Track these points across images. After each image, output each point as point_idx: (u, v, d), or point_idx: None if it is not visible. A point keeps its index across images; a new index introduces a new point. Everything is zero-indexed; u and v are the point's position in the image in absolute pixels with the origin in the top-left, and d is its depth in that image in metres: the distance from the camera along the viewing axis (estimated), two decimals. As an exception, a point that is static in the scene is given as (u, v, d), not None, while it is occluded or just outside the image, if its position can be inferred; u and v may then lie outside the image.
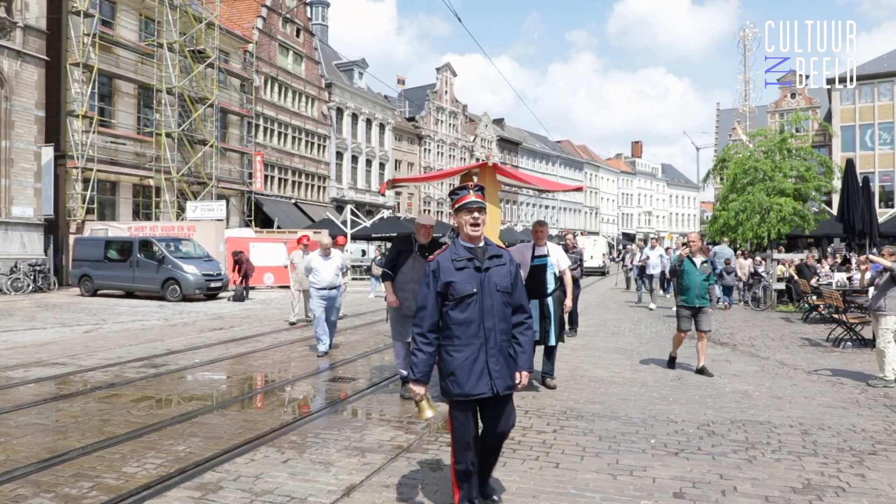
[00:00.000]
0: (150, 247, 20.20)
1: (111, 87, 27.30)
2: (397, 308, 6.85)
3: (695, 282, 8.48)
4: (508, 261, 3.78)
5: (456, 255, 3.70)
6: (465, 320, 3.59)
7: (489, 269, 3.68)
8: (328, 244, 9.77)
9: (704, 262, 8.66)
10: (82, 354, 9.80)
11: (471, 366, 3.56)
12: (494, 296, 3.63)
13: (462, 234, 3.76)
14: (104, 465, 4.80)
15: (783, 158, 21.03)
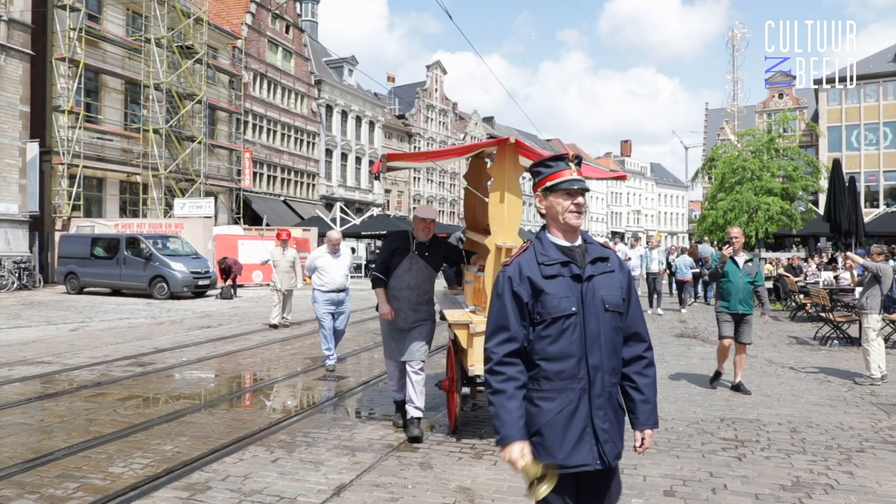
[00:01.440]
0: (137, 244, 20.02)
1: (98, 83, 27.03)
2: (391, 321, 5.67)
3: (737, 285, 7.40)
4: (618, 265, 2.53)
5: (545, 257, 2.45)
6: (558, 354, 2.37)
7: (592, 277, 2.43)
8: (338, 239, 8.46)
9: (749, 261, 7.57)
10: (68, 353, 9.70)
11: (566, 423, 2.37)
12: (602, 317, 2.42)
13: (554, 225, 2.50)
14: (90, 466, 4.75)
15: (771, 158, 21.18)
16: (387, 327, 5.71)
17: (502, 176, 5.24)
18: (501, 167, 5.30)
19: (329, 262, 8.34)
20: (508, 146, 5.33)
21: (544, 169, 2.54)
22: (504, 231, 5.20)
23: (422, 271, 5.56)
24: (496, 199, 5.23)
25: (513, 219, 5.25)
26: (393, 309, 5.55)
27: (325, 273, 8.29)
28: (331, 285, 8.30)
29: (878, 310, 8.11)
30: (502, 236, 5.19)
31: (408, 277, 5.52)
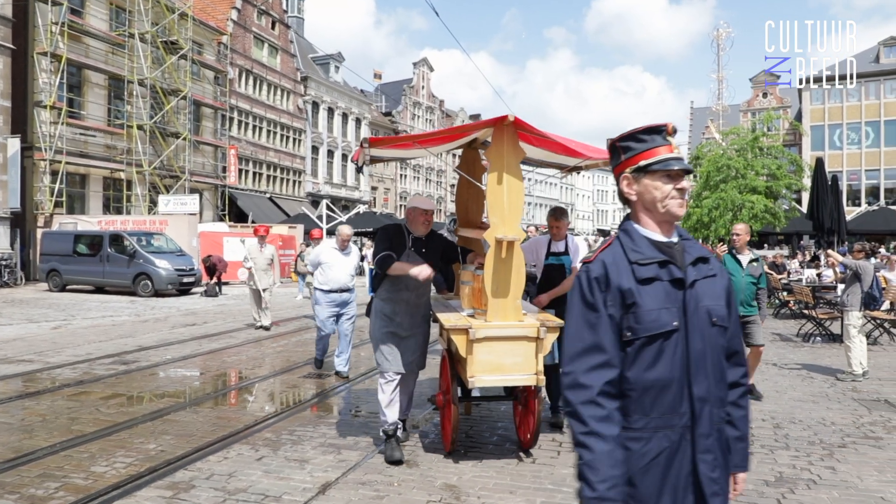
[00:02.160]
0: (120, 241, 19.84)
1: (80, 78, 26.73)
2: (387, 322, 4.91)
3: (739, 284, 6.88)
4: (718, 268, 2.04)
5: (638, 254, 1.94)
6: (654, 382, 1.87)
7: (695, 282, 1.94)
8: (348, 235, 7.63)
9: (753, 260, 7.10)
10: (50, 351, 9.59)
11: (664, 470, 1.85)
12: (707, 334, 1.92)
13: (649, 215, 1.99)
14: (72, 465, 4.69)
15: (755, 157, 21.35)
16: (381, 334, 4.91)
17: (500, 159, 4.60)
18: (499, 149, 4.63)
19: (335, 259, 7.61)
20: (507, 125, 4.60)
21: (635, 144, 2.00)
22: (505, 222, 4.60)
23: None
24: (495, 187, 4.61)
25: (514, 208, 4.61)
26: (387, 314, 4.91)
27: (329, 270, 7.55)
28: (334, 284, 7.58)
29: (858, 307, 8.20)
30: (503, 228, 4.58)
31: (406, 278, 4.78)
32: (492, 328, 4.54)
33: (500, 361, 4.54)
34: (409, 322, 4.96)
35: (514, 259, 4.60)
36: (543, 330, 4.55)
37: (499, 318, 4.58)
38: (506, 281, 4.57)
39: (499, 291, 4.56)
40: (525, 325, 4.59)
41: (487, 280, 4.57)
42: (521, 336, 4.56)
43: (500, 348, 4.54)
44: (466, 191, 6.36)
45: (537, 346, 4.56)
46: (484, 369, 4.52)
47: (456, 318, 4.82)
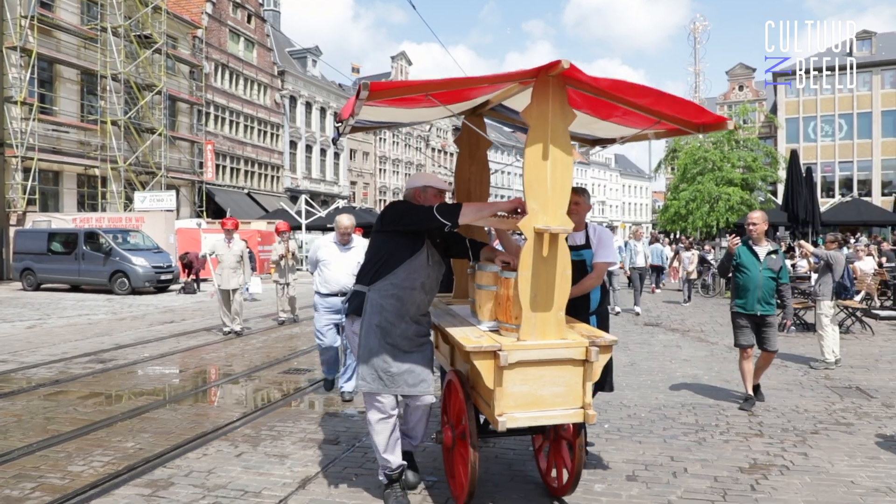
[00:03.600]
0: (96, 239, 19.59)
1: (52, 73, 26.27)
2: (385, 330, 3.78)
3: (756, 280, 6.19)
4: None
5: None
6: None
7: None
8: (348, 227, 6.42)
9: (772, 252, 6.29)
10: (24, 351, 9.45)
11: None
12: None
13: None
14: (48, 465, 4.65)
15: (731, 149, 21.61)
16: (374, 346, 3.77)
17: (543, 123, 3.50)
18: (542, 109, 3.50)
19: (334, 256, 6.42)
20: (553, 78, 3.45)
21: None
22: (548, 208, 3.51)
23: (437, 268, 3.93)
24: (535, 161, 3.51)
25: (560, 189, 3.54)
26: (389, 321, 3.78)
27: (327, 269, 6.38)
28: (332, 286, 6.34)
29: (830, 296, 8.35)
30: (544, 216, 3.50)
31: (423, 274, 3.81)
32: (529, 350, 3.47)
33: (537, 393, 3.50)
34: (414, 332, 3.84)
35: (558, 257, 3.54)
36: (595, 351, 3.51)
37: (536, 336, 3.52)
38: (548, 286, 3.52)
39: (539, 301, 3.51)
40: (570, 343, 3.53)
41: (523, 286, 3.49)
42: (564, 359, 3.52)
43: (539, 376, 3.50)
44: (468, 168, 5.16)
45: (585, 371, 3.53)
46: (517, 404, 3.48)
47: (477, 336, 3.66)
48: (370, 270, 3.83)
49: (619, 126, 4.47)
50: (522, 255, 3.50)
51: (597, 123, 4.52)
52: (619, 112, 4.04)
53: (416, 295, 3.81)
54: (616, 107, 3.92)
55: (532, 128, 3.51)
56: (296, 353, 9.19)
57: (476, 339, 3.59)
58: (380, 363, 3.75)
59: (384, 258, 3.78)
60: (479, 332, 3.77)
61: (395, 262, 3.76)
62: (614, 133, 4.82)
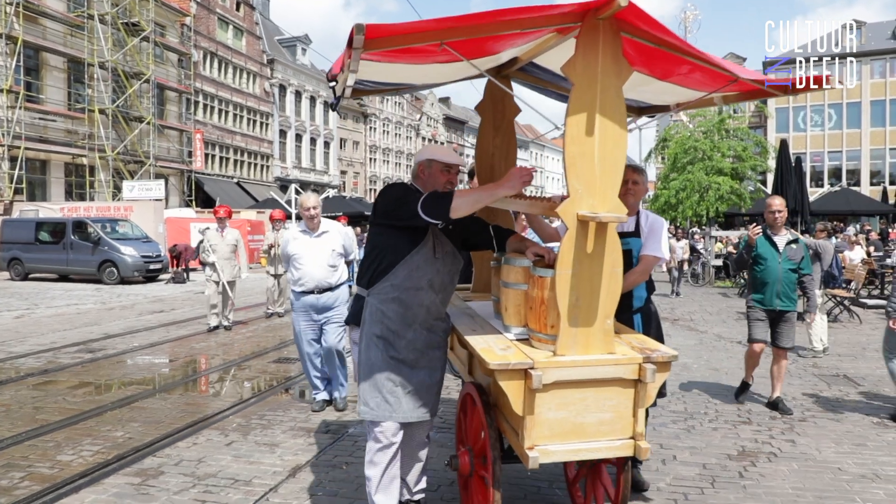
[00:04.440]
0: (84, 228, 19.45)
1: (38, 61, 25.96)
2: (388, 341, 3.15)
3: (775, 273, 5.68)
4: None
5: None
6: None
7: None
8: (312, 207, 5.55)
9: (791, 242, 5.78)
10: (13, 340, 9.39)
11: None
12: None
13: None
14: (37, 455, 4.63)
15: (721, 138, 21.62)
16: (377, 361, 3.15)
17: (591, 81, 2.73)
18: (590, 62, 2.71)
19: (303, 248, 5.56)
20: (604, 21, 2.70)
21: None
22: (595, 189, 2.79)
23: (449, 260, 3.25)
24: (579, 130, 2.74)
25: (611, 167, 2.81)
26: (392, 329, 3.14)
27: (298, 264, 5.57)
28: (305, 283, 5.52)
29: (818, 285, 8.40)
30: (590, 200, 2.79)
31: (430, 271, 3.14)
32: (568, 367, 2.78)
33: (577, 420, 2.83)
34: (424, 342, 3.20)
35: (606, 251, 2.82)
36: (650, 370, 2.81)
37: (577, 350, 2.83)
38: (592, 288, 2.83)
39: (581, 306, 2.81)
40: (620, 359, 2.84)
41: (562, 287, 2.79)
42: (612, 379, 2.84)
43: (580, 399, 2.83)
44: (491, 140, 4.31)
45: (637, 394, 2.86)
46: (553, 433, 2.80)
47: (502, 348, 2.95)
48: (367, 270, 3.19)
49: (677, 88, 3.61)
50: (562, 249, 2.78)
51: (649, 85, 3.61)
52: (685, 69, 3.17)
53: (422, 296, 3.13)
54: (681, 62, 3.06)
55: (576, 87, 2.73)
56: (286, 342, 9.17)
57: (501, 351, 2.87)
58: (384, 382, 3.10)
59: (380, 255, 3.13)
60: (505, 342, 3.05)
61: (394, 258, 3.10)
62: (669, 98, 3.95)
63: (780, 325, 5.79)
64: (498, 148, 4.31)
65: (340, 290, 5.67)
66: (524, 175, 2.86)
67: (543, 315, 2.91)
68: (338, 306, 5.63)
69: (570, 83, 2.78)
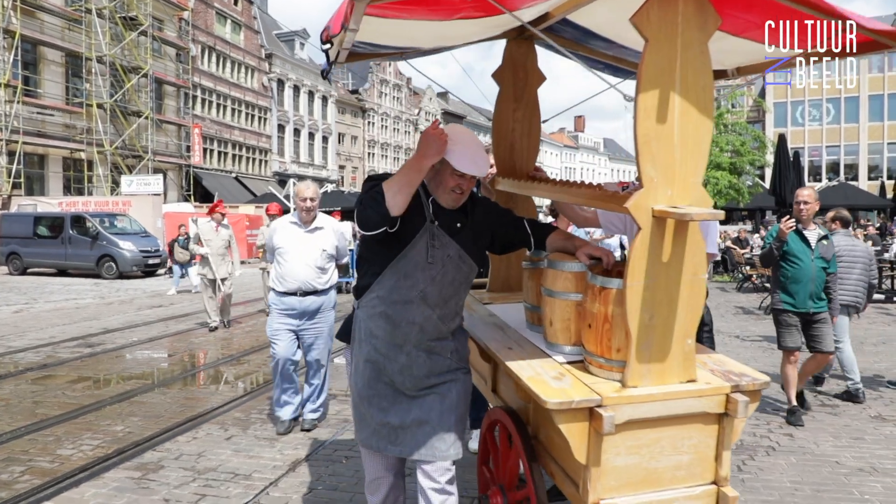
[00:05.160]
0: (83, 222, 19.45)
1: (36, 55, 25.90)
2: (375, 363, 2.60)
3: (808, 272, 5.22)
4: None
5: None
6: None
7: None
8: (309, 199, 4.84)
9: (822, 238, 5.34)
10: (12, 335, 9.39)
11: None
12: None
13: None
14: (37, 449, 4.64)
15: (720, 133, 21.63)
16: (364, 386, 2.62)
17: (670, 36, 2.14)
18: (668, 8, 2.12)
19: (292, 241, 4.84)
20: None
21: None
22: (674, 177, 2.20)
23: (451, 268, 2.56)
24: (651, 101, 2.16)
25: (696, 147, 2.22)
26: (378, 350, 2.58)
27: (283, 259, 4.83)
28: (288, 282, 4.79)
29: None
30: (668, 190, 2.19)
31: (422, 280, 2.52)
32: (643, 402, 2.22)
33: (650, 466, 2.29)
34: (424, 367, 2.56)
35: (687, 256, 2.25)
36: (742, 403, 2.25)
37: (652, 379, 2.26)
38: (670, 302, 2.25)
39: (656, 324, 2.24)
40: (703, 390, 2.28)
41: (633, 301, 2.21)
42: (693, 414, 2.29)
43: (654, 440, 2.28)
44: (511, 114, 3.63)
45: (722, 431, 2.34)
46: (620, 483, 2.27)
47: (555, 377, 2.36)
48: (359, 278, 2.70)
49: (752, 46, 2.70)
50: (633, 255, 2.17)
51: (721, 42, 2.60)
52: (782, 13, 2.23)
53: (412, 311, 2.51)
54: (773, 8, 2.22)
55: (650, 45, 2.11)
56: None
57: (556, 382, 2.29)
58: (373, 412, 2.58)
59: (368, 259, 2.60)
60: (556, 368, 2.45)
61: (378, 263, 2.53)
62: (735, 59, 3.09)
63: (816, 328, 5.34)
64: (519, 123, 3.65)
65: (328, 296, 4.98)
66: (439, 135, 2.30)
67: (607, 335, 2.31)
68: (324, 313, 4.96)
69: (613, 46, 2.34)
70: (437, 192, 2.53)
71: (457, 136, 2.44)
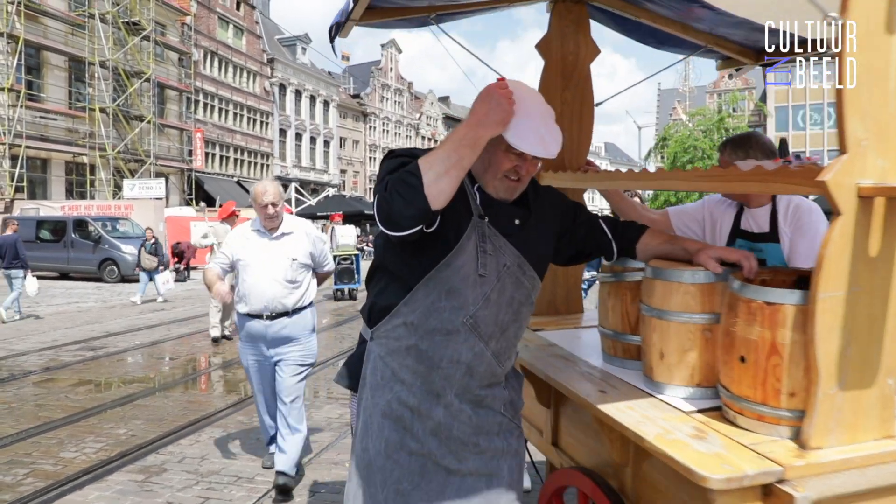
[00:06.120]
0: (85, 226, 19.53)
1: (39, 60, 26.00)
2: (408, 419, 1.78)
3: None
4: None
5: None
6: None
7: None
8: (271, 203, 3.86)
9: None
10: (14, 338, 9.42)
11: None
12: None
13: None
14: (40, 452, 4.66)
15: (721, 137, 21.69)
16: (383, 452, 1.81)
17: None
18: None
19: (254, 253, 3.95)
20: None
21: None
22: (890, 143, 1.49)
23: (510, 283, 1.81)
24: (866, 25, 1.43)
25: None
26: (408, 407, 1.80)
27: (245, 275, 3.96)
28: (252, 302, 3.91)
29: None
30: (880, 160, 1.48)
31: (473, 299, 1.75)
32: (840, 471, 1.50)
33: None
34: (470, 425, 1.82)
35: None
36: None
37: (844, 436, 1.55)
38: (872, 323, 1.55)
39: (853, 357, 1.53)
40: None
41: (826, 321, 1.50)
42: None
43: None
44: (559, 94, 2.98)
45: None
46: None
47: (694, 435, 1.64)
48: (369, 296, 1.93)
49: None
50: (828, 252, 1.47)
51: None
52: None
53: (456, 345, 1.75)
54: None
55: None
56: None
57: (699, 444, 1.58)
58: (388, 497, 1.78)
59: (386, 271, 1.86)
60: (686, 420, 1.73)
61: (406, 276, 1.76)
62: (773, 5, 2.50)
63: None
64: (568, 105, 2.96)
65: (302, 317, 4.02)
66: (508, 96, 1.59)
67: (774, 374, 1.60)
68: (297, 339, 4.01)
69: None
70: (483, 176, 1.77)
71: (520, 100, 1.64)
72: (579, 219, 2.01)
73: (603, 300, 2.30)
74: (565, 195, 2.07)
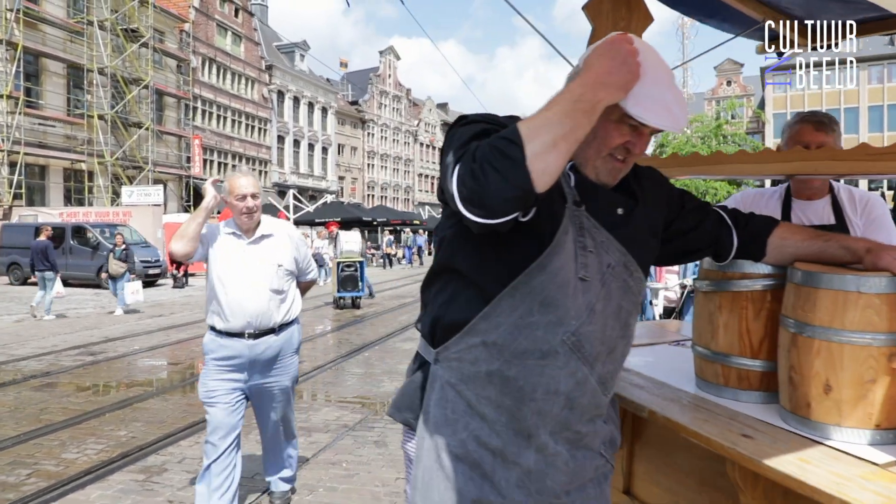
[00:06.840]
0: (83, 233, 19.57)
1: (38, 67, 26.09)
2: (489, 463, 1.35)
3: None
4: None
5: None
6: None
7: None
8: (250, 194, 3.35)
9: None
10: (14, 344, 9.46)
11: None
12: None
13: None
14: (42, 453, 4.70)
15: (719, 144, 21.82)
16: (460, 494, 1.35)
17: None
18: None
19: (230, 260, 3.31)
20: None
21: None
22: None
23: (617, 290, 1.41)
24: None
25: None
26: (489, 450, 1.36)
27: (220, 286, 3.27)
28: (230, 319, 3.22)
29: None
30: None
31: (574, 310, 1.34)
32: None
33: None
34: (567, 472, 1.39)
35: None
36: None
37: None
38: None
39: None
40: None
41: None
42: None
43: None
44: None
45: None
46: None
47: None
48: (431, 306, 1.50)
49: None
50: None
51: None
52: None
53: (553, 371, 1.35)
54: None
55: None
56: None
57: None
58: None
59: (455, 271, 1.43)
60: (882, 476, 1.26)
61: (484, 280, 1.37)
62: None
63: None
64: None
65: (289, 334, 3.42)
66: (634, 53, 1.24)
67: None
68: (281, 362, 3.39)
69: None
70: (583, 154, 1.38)
71: (643, 60, 1.26)
72: (689, 205, 1.61)
73: (707, 314, 1.81)
74: (667, 181, 1.64)
